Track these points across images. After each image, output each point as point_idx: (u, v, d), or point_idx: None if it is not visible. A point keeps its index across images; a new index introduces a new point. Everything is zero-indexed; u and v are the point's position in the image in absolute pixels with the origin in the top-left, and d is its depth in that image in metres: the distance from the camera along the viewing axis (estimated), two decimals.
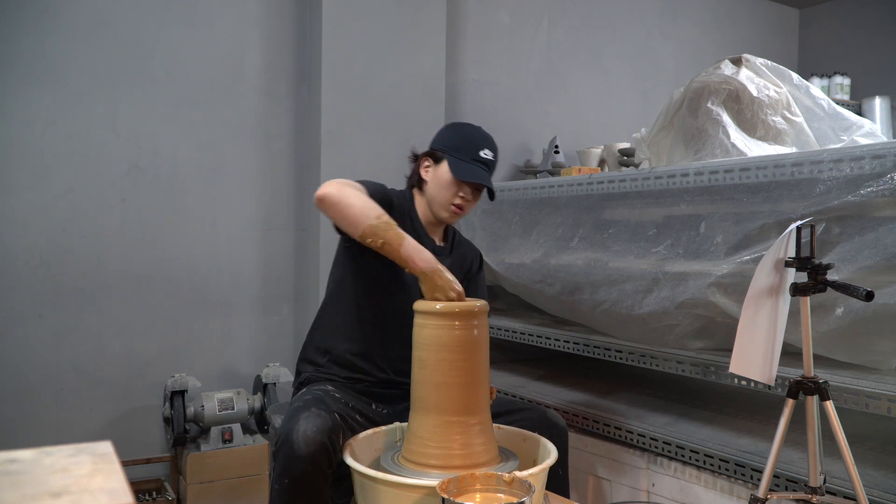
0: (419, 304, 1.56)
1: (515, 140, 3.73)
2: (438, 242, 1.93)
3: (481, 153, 1.81)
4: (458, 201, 1.82)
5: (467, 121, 3.51)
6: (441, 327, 1.51)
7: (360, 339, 1.84)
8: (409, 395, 1.92)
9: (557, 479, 1.79)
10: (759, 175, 1.85)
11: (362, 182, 1.74)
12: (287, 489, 1.51)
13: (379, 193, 1.74)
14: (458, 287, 1.58)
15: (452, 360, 1.50)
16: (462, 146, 1.82)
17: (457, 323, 1.51)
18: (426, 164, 1.87)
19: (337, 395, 1.74)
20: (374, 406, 1.83)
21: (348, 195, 1.59)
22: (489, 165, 1.84)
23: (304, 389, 1.80)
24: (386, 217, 1.57)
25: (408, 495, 1.38)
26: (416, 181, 1.90)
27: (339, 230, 1.73)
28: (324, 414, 1.56)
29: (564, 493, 1.81)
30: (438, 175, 1.83)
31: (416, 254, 1.56)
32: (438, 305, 1.52)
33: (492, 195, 1.83)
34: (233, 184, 2.96)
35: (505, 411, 1.84)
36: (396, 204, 1.83)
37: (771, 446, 1.46)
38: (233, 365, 2.97)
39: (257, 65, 3.00)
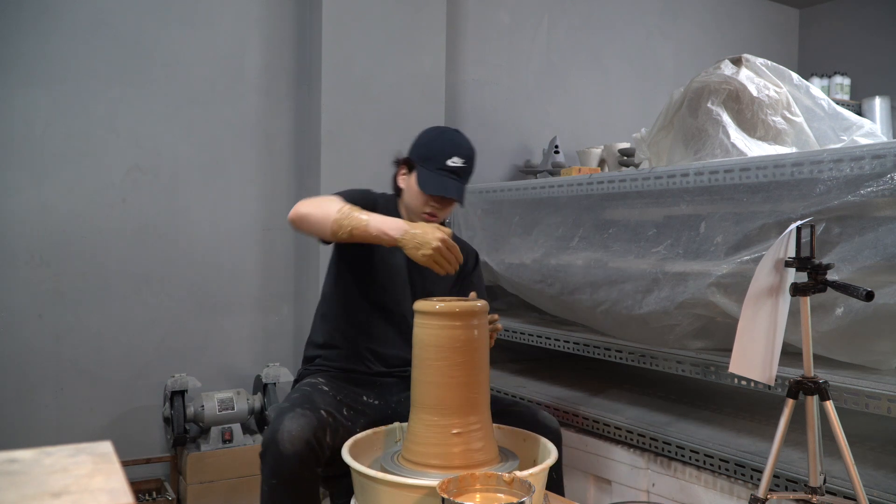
0: (419, 304, 1.56)
1: (515, 140, 3.73)
2: None
3: (449, 162, 1.80)
4: (428, 210, 1.83)
5: (467, 120, 3.53)
6: (441, 327, 1.51)
7: (349, 335, 1.90)
8: (402, 387, 1.93)
9: (552, 482, 1.79)
10: (759, 175, 1.85)
11: (343, 192, 1.78)
12: (276, 489, 1.54)
13: (360, 197, 1.78)
14: (440, 232, 1.57)
15: (452, 359, 1.50)
16: (431, 156, 1.81)
17: (457, 323, 1.51)
18: (402, 171, 1.90)
19: (325, 388, 1.77)
20: (364, 398, 1.85)
21: (308, 207, 1.65)
22: (459, 173, 1.82)
23: (296, 386, 1.84)
24: (346, 207, 1.61)
25: (408, 495, 1.38)
26: (395, 188, 1.93)
27: (322, 241, 1.77)
28: (308, 413, 1.58)
29: (559, 494, 1.81)
30: (410, 185, 1.85)
31: (383, 225, 1.59)
32: (438, 305, 1.52)
33: (461, 203, 1.85)
34: (233, 184, 2.96)
35: (496, 411, 1.84)
36: (381, 205, 1.85)
37: (771, 446, 1.46)
38: (233, 365, 2.97)
39: (257, 65, 3.00)
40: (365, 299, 1.90)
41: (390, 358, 1.92)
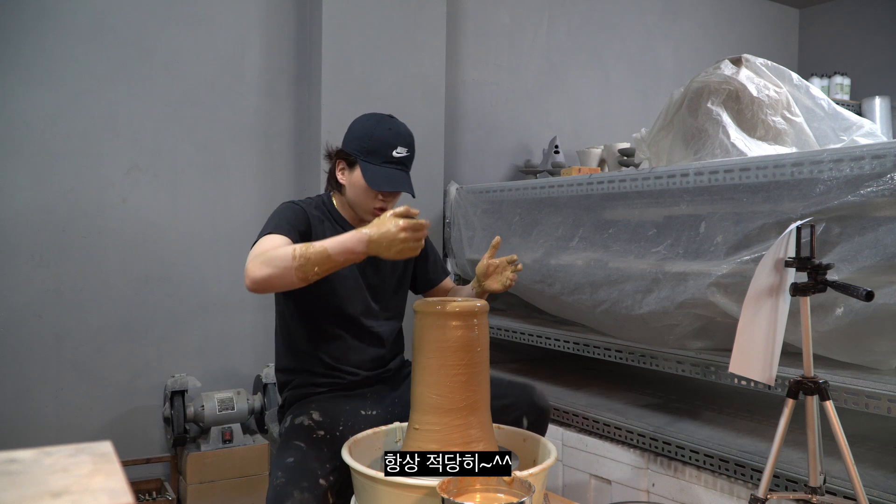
0: (419, 305, 1.56)
1: (515, 140, 3.73)
2: None
3: (394, 153, 1.73)
4: (378, 205, 1.76)
5: (467, 120, 3.53)
6: (441, 327, 1.51)
7: (319, 353, 1.82)
8: (392, 386, 1.91)
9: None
10: (759, 175, 1.85)
11: (270, 225, 1.68)
12: None
13: (291, 220, 1.69)
14: (394, 219, 1.46)
15: (452, 359, 1.50)
16: (373, 148, 1.73)
17: (457, 323, 1.50)
18: (340, 167, 1.81)
19: (319, 433, 1.67)
20: (362, 412, 1.80)
21: (261, 270, 1.50)
22: (405, 162, 1.76)
23: (286, 429, 1.74)
24: (298, 250, 1.48)
25: (408, 495, 1.38)
26: (335, 184, 1.84)
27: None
28: (307, 497, 1.48)
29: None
30: (354, 181, 1.77)
31: (345, 245, 1.48)
32: (438, 305, 1.52)
33: (412, 194, 1.77)
34: (233, 184, 2.96)
35: (491, 392, 1.83)
36: (312, 215, 1.77)
37: (771, 446, 1.46)
38: (233, 365, 2.97)
39: (257, 65, 3.00)
40: (326, 313, 1.80)
41: (367, 362, 1.85)
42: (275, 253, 1.51)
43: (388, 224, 1.46)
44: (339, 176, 1.82)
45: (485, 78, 3.63)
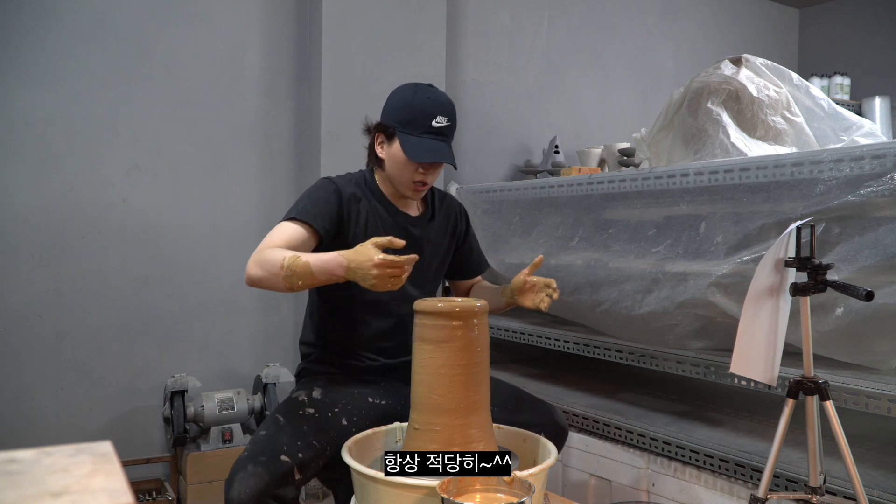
0: (419, 304, 1.55)
1: (515, 140, 3.73)
2: (415, 213, 1.86)
3: (434, 122, 1.67)
4: (418, 178, 1.72)
5: (467, 120, 3.53)
6: (441, 327, 1.50)
7: (341, 332, 1.82)
8: (407, 381, 1.92)
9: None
10: (759, 175, 1.85)
11: (300, 203, 1.68)
12: None
13: (314, 205, 1.67)
14: (373, 252, 1.43)
15: (452, 359, 1.50)
16: (413, 119, 1.68)
17: (457, 322, 1.50)
18: (379, 140, 1.76)
19: (310, 409, 1.67)
20: (370, 399, 1.78)
21: (257, 270, 1.53)
22: (446, 132, 1.70)
23: (286, 399, 1.76)
24: (287, 260, 1.49)
25: (408, 495, 1.38)
26: (374, 159, 1.80)
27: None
28: (260, 470, 1.46)
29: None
30: (393, 154, 1.72)
31: (326, 266, 1.47)
32: (439, 304, 1.52)
33: (454, 165, 1.73)
34: (233, 184, 2.96)
35: (513, 406, 1.84)
36: (348, 194, 1.73)
37: (771, 446, 1.46)
38: (233, 365, 2.97)
39: (257, 65, 3.00)
40: (352, 292, 1.75)
41: (388, 349, 1.84)
42: (270, 255, 1.53)
43: (365, 254, 1.44)
44: (377, 150, 1.77)
45: (485, 78, 3.62)
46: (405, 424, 1.66)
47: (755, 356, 1.48)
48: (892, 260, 1.58)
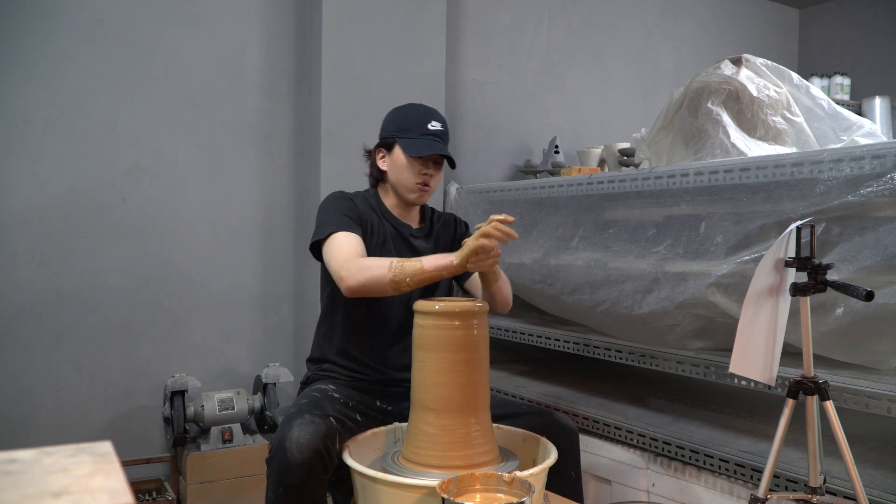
0: (419, 304, 1.56)
1: (515, 140, 3.73)
2: (416, 226, 1.95)
3: (430, 126, 1.80)
4: (421, 179, 1.82)
5: (467, 120, 3.53)
6: (441, 327, 1.51)
7: (354, 342, 1.86)
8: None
9: (571, 483, 1.78)
10: (759, 175, 1.85)
11: (329, 222, 1.74)
12: (281, 497, 1.51)
13: (345, 215, 1.75)
14: (488, 228, 1.53)
15: (452, 359, 1.50)
16: (409, 125, 1.81)
17: (457, 323, 1.51)
18: (380, 155, 1.88)
19: (336, 395, 1.73)
20: (378, 403, 1.83)
21: (359, 278, 1.60)
22: (441, 136, 1.82)
23: (304, 390, 1.81)
24: (395, 264, 1.57)
25: (408, 495, 1.38)
26: (377, 175, 1.90)
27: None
28: (317, 420, 1.54)
29: (578, 496, 1.79)
30: (395, 161, 1.83)
31: (438, 262, 1.56)
32: (438, 305, 1.52)
33: (452, 164, 1.83)
34: (233, 184, 2.96)
35: (510, 413, 1.84)
36: (361, 208, 1.83)
37: (771, 446, 1.46)
38: (233, 365, 2.97)
39: (257, 65, 3.00)
40: (365, 310, 1.84)
41: (393, 360, 1.87)
42: (368, 262, 1.61)
43: (475, 236, 1.53)
44: (380, 164, 1.88)
45: (485, 78, 3.62)
46: (405, 425, 1.66)
47: (755, 356, 1.48)
48: (892, 260, 1.58)
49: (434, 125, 1.81)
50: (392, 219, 1.89)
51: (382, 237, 1.85)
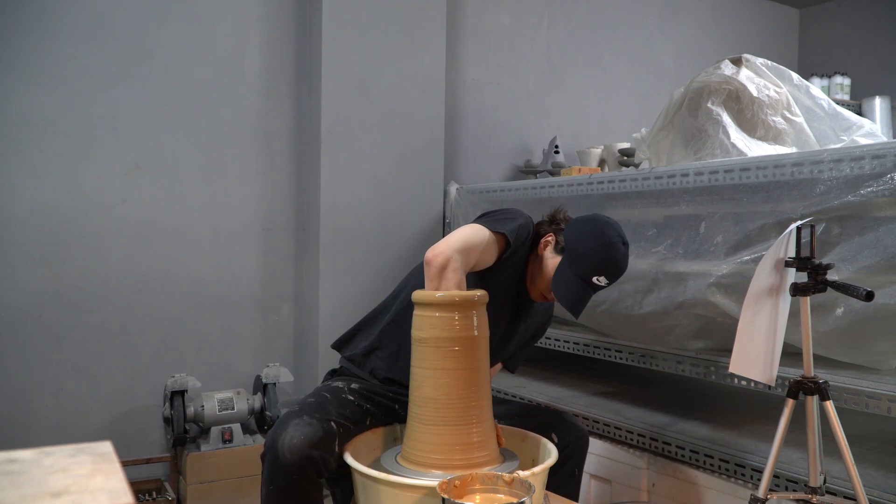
0: (417, 295, 1.54)
1: (515, 140, 3.73)
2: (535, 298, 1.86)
3: (594, 279, 1.65)
4: (548, 298, 1.77)
5: (467, 120, 3.53)
6: (440, 318, 1.49)
7: (396, 357, 1.79)
8: None
9: (573, 481, 1.79)
10: (759, 175, 1.85)
11: (509, 220, 1.68)
12: (272, 494, 1.52)
13: (518, 237, 1.68)
14: None
15: (451, 351, 1.49)
16: (581, 258, 1.66)
17: (455, 314, 1.50)
18: (549, 240, 1.77)
19: (351, 396, 1.70)
20: (396, 407, 1.77)
21: (441, 265, 1.51)
22: (596, 290, 1.69)
23: (324, 384, 1.78)
24: (455, 292, 1.51)
25: (408, 495, 1.38)
26: (535, 243, 1.80)
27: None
28: (315, 423, 1.52)
29: (574, 494, 1.80)
30: (546, 266, 1.74)
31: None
32: (437, 294, 1.50)
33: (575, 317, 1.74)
34: (233, 184, 2.96)
35: (518, 414, 1.84)
36: (520, 250, 1.73)
37: (771, 446, 1.46)
38: (233, 365, 2.97)
39: (257, 65, 3.00)
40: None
41: None
42: (454, 274, 1.51)
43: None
44: (544, 246, 1.77)
45: (485, 78, 3.62)
46: (405, 425, 1.66)
47: (754, 356, 1.48)
48: (892, 260, 1.58)
49: (600, 280, 1.66)
50: (522, 274, 1.81)
51: (505, 282, 1.76)
